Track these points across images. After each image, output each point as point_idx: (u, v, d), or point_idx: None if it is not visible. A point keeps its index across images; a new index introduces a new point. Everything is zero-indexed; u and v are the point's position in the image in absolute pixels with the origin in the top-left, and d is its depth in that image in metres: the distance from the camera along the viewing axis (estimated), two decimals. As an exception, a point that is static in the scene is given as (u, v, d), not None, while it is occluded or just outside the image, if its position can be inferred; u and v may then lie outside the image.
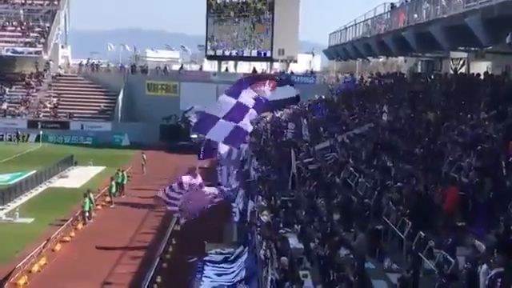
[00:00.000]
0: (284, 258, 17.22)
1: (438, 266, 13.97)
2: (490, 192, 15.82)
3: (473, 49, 30.26)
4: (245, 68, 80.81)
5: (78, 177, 46.04)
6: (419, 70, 46.48)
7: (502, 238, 13.28)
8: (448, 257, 13.94)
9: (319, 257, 17.29)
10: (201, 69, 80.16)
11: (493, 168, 17.39)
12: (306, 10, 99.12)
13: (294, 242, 19.59)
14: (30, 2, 78.51)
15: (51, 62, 75.60)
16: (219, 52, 75.49)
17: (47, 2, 78.83)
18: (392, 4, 35.90)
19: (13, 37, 74.87)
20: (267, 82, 21.92)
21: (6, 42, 73.74)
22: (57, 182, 44.17)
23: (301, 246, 19.09)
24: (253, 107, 20.90)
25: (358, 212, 20.08)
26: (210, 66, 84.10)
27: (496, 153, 18.61)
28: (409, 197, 18.22)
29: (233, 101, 20.93)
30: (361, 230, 17.42)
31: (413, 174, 20.62)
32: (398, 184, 19.74)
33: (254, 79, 23.80)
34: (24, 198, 38.30)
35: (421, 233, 15.42)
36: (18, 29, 76.06)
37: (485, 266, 12.07)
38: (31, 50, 73.65)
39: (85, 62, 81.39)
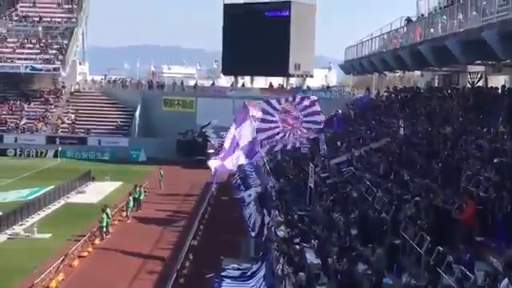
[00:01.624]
0: (301, 274, 17.15)
1: (457, 282, 13.84)
2: (508, 206, 15.67)
3: (490, 62, 30.10)
4: (261, 83, 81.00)
5: (95, 192, 46.22)
6: (436, 84, 46.31)
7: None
8: (467, 272, 13.81)
9: (337, 272, 17.20)
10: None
11: (511, 182, 17.24)
12: (322, 24, 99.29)
13: (311, 257, 19.51)
14: (49, 19, 79.38)
15: (67, 79, 76.11)
16: (235, 67, 75.61)
17: (65, 20, 79.68)
18: (408, 18, 35.84)
19: (31, 54, 75.63)
20: None
21: (25, 59, 74.46)
22: (74, 198, 44.34)
23: (318, 261, 19.01)
24: None
25: (376, 227, 19.96)
26: (226, 82, 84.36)
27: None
28: (427, 211, 18.09)
29: None
30: (379, 245, 17.32)
31: (430, 188, 20.49)
32: (416, 198, 19.62)
33: None
34: (42, 214, 38.48)
35: (439, 248, 15.29)
36: (37, 46, 76.85)
37: (505, 281, 11.94)
38: (49, 66, 74.33)
39: (102, 78, 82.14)
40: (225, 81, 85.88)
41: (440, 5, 35.13)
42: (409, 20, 35.66)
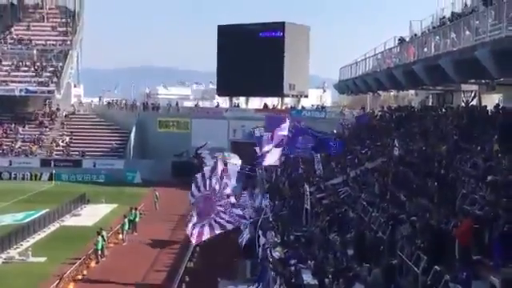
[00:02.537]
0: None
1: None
2: (505, 224, 15.65)
3: (483, 81, 30.23)
4: (256, 104, 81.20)
5: (90, 215, 46.07)
6: (430, 103, 46.45)
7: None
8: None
9: (333, 293, 17.12)
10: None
11: (506, 200, 17.23)
12: (316, 44, 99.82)
13: (308, 277, 19.43)
14: (43, 42, 79.66)
15: (61, 102, 76.21)
16: (230, 88, 75.84)
17: (60, 42, 79.99)
18: (401, 38, 36.02)
19: (26, 77, 75.84)
20: None
21: (20, 81, 74.66)
22: (69, 221, 44.21)
23: (315, 281, 18.92)
24: None
25: (372, 247, 19.90)
26: (221, 102, 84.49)
27: (510, 185, 18.46)
28: (423, 231, 18.05)
29: None
30: (376, 265, 17.26)
31: (426, 207, 20.46)
32: (412, 218, 19.58)
33: None
34: (37, 237, 38.34)
35: (436, 267, 15.24)
36: (32, 69, 77.05)
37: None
38: (44, 89, 74.49)
39: (97, 100, 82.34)
40: (220, 101, 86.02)
41: (433, 24, 35.34)
42: (402, 40, 35.83)
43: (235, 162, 42.61)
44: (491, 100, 33.51)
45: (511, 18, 20.06)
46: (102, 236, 34.21)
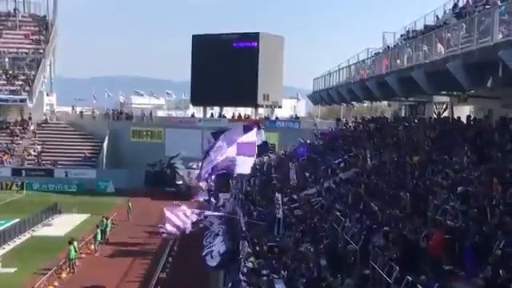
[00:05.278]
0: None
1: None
2: (476, 235, 15.82)
3: (455, 93, 30.58)
4: (230, 114, 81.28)
5: (62, 225, 45.62)
6: (403, 114, 46.82)
7: (490, 282, 13.25)
8: (436, 301, 13.85)
9: (306, 303, 17.11)
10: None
11: (477, 211, 17.42)
12: (290, 55, 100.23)
13: (280, 288, 19.38)
14: (15, 50, 78.87)
15: (33, 111, 75.40)
16: (204, 98, 75.88)
17: (32, 51, 79.28)
18: (374, 53, 36.37)
19: (-3, 85, 74.96)
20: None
21: (-9, 90, 73.79)
22: (41, 231, 43.71)
23: (288, 292, 18.90)
24: None
25: (345, 257, 19.95)
26: (195, 112, 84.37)
27: (480, 196, 18.68)
28: (395, 241, 18.15)
29: None
30: (348, 276, 17.30)
31: (399, 218, 20.59)
32: (385, 228, 19.69)
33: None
34: (7, 247, 37.84)
35: (408, 277, 15.33)
36: (3, 77, 76.20)
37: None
38: (16, 97, 73.68)
39: (69, 109, 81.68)
40: (194, 111, 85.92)
41: (404, 37, 35.73)
42: (376, 54, 36.19)
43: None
44: (463, 111, 33.88)
45: (482, 30, 20.35)
46: (74, 246, 33.91)
